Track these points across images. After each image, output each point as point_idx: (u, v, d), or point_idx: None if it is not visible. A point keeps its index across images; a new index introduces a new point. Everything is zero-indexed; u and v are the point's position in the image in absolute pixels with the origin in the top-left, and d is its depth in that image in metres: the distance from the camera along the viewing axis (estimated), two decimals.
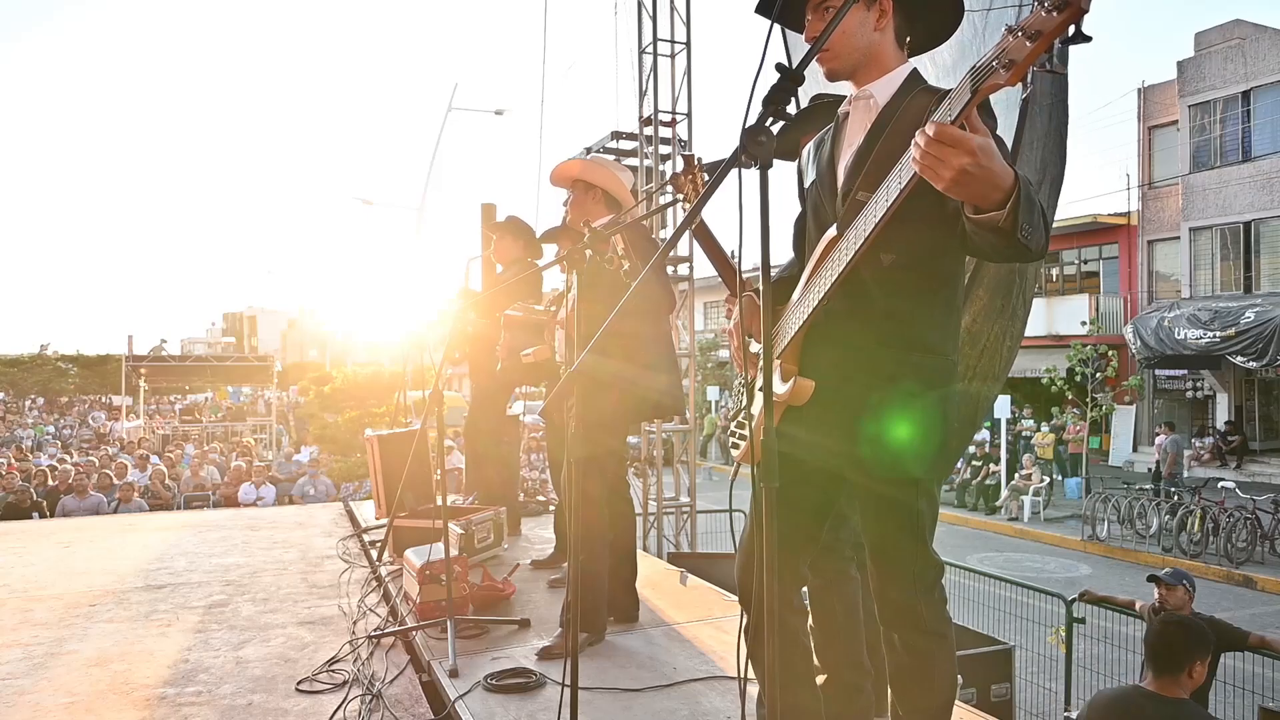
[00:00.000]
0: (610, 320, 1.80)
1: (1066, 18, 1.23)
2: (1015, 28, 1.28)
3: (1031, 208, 1.48)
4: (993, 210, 1.48)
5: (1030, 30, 1.26)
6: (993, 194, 1.46)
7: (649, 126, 7.79)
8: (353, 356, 44.37)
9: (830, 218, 1.88)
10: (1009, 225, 1.47)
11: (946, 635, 1.91)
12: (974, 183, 1.43)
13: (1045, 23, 1.25)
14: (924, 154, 1.42)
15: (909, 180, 1.54)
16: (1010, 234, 1.48)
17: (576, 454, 2.61)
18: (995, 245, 1.54)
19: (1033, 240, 1.50)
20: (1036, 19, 1.25)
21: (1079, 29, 1.24)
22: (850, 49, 1.84)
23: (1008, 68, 1.31)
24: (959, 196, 1.48)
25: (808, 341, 1.89)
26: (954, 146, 1.39)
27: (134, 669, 3.08)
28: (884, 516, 1.87)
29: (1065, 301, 20.99)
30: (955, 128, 1.40)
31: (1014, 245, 1.50)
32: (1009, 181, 1.45)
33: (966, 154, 1.40)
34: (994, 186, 1.45)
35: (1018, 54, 1.29)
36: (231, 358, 37.03)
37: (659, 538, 7.63)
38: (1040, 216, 1.52)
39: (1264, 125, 17.87)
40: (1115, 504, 13.29)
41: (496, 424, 5.22)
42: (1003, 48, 1.31)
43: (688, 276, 7.76)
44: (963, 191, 1.46)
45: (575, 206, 3.53)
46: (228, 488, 12.71)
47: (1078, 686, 6.11)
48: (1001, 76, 1.32)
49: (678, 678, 2.91)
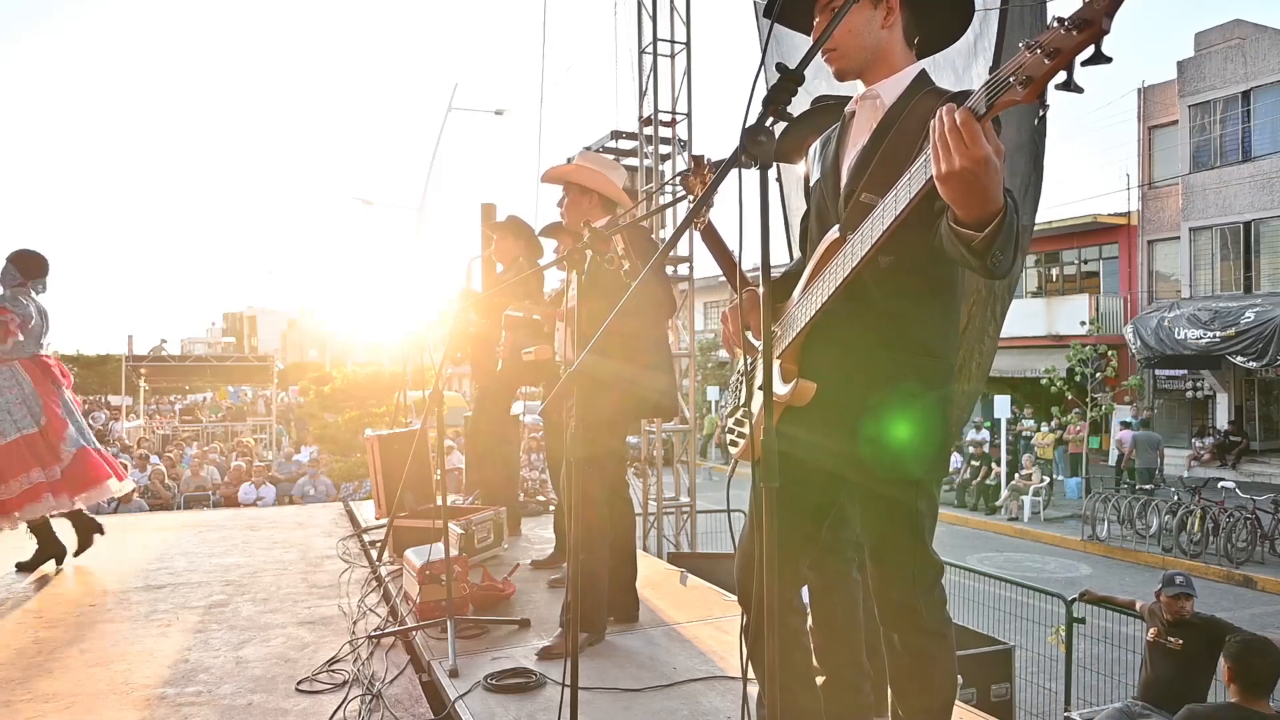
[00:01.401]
0: (610, 320, 1.80)
1: (1085, 38, 1.20)
2: (1034, 43, 1.25)
3: (1009, 239, 1.47)
4: (972, 227, 1.46)
5: (1049, 48, 1.23)
6: (977, 210, 1.44)
7: (649, 126, 7.79)
8: (353, 356, 44.36)
9: (833, 218, 1.88)
10: (982, 248, 1.46)
11: (946, 635, 1.91)
12: (968, 188, 1.41)
13: (1064, 41, 1.22)
14: (941, 135, 1.39)
15: (921, 188, 1.52)
16: (981, 256, 1.47)
17: (576, 454, 2.61)
18: (964, 258, 1.53)
19: (999, 268, 1.50)
20: (1055, 36, 1.22)
21: (1099, 49, 1.21)
22: (857, 47, 1.83)
23: (1024, 84, 1.28)
24: (946, 192, 1.45)
25: (808, 342, 1.89)
26: (971, 144, 1.37)
27: (134, 669, 3.08)
28: (884, 517, 1.88)
29: (1065, 301, 20.99)
30: (980, 125, 1.37)
31: (981, 267, 1.50)
32: (996, 206, 1.43)
33: (977, 156, 1.37)
34: (983, 201, 1.42)
35: (1035, 71, 1.26)
36: (231, 358, 37.01)
37: (659, 538, 7.62)
38: (1014, 244, 1.51)
39: (1264, 125, 17.87)
40: (1115, 504, 13.30)
41: (498, 424, 5.22)
42: (1020, 63, 1.27)
43: (687, 276, 7.77)
44: (953, 191, 1.43)
45: (571, 208, 3.50)
46: (228, 488, 12.72)
47: (1078, 686, 6.11)
48: (1018, 93, 1.29)
49: (678, 678, 2.91)
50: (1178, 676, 4.66)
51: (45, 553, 4.54)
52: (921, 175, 1.50)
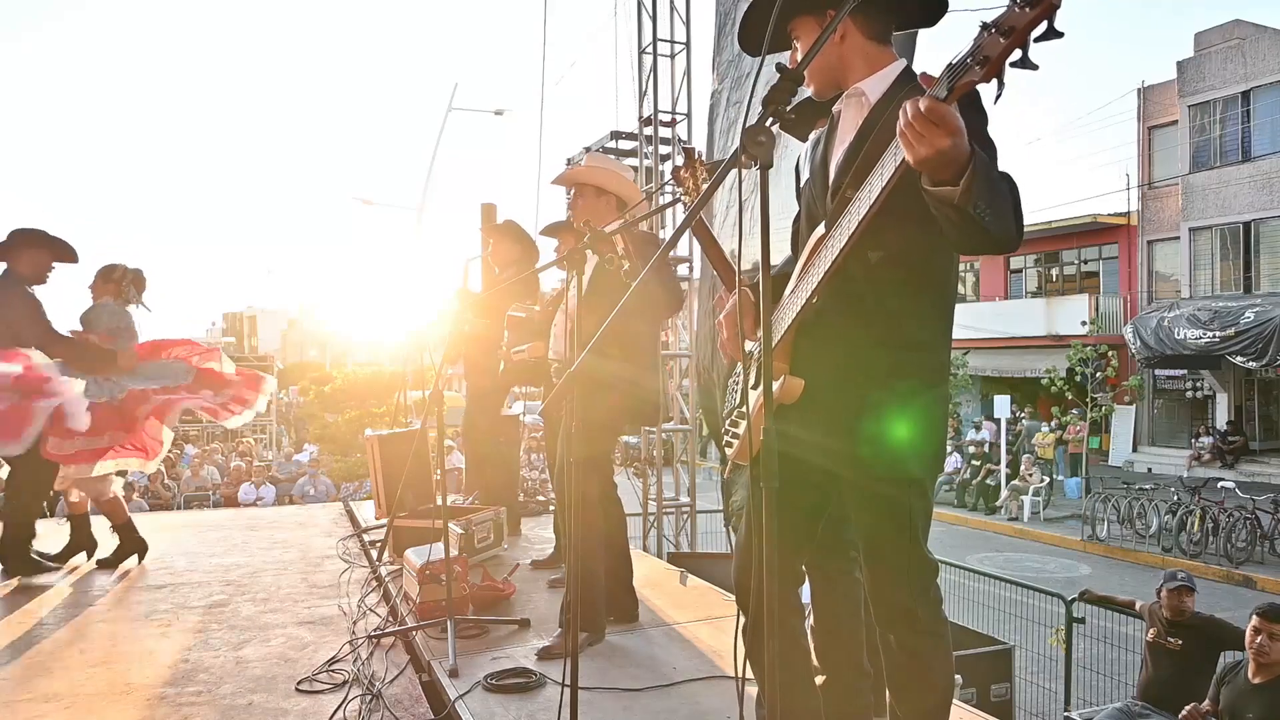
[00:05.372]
0: (611, 320, 1.80)
1: (1039, 13, 1.24)
2: (989, 24, 1.29)
3: (993, 189, 1.48)
4: (948, 184, 1.48)
5: (1004, 26, 1.27)
6: (950, 175, 1.46)
7: (649, 126, 7.79)
8: (353, 356, 44.36)
9: (822, 216, 1.89)
10: (964, 200, 1.46)
11: (943, 635, 1.91)
12: (936, 168, 1.45)
13: (1018, 19, 1.25)
14: (909, 125, 1.42)
15: (891, 175, 1.54)
16: (964, 210, 1.47)
17: (577, 454, 2.61)
18: (956, 224, 1.52)
19: (994, 225, 1.50)
20: (1010, 15, 1.26)
21: (1051, 25, 1.25)
22: (822, 69, 1.90)
23: (982, 64, 1.31)
24: (925, 170, 1.47)
25: (799, 340, 1.89)
26: (940, 125, 1.39)
27: (134, 669, 3.08)
28: (880, 516, 1.87)
29: (1065, 301, 20.99)
30: (947, 106, 1.39)
31: (972, 226, 1.49)
32: (965, 157, 1.45)
33: (949, 135, 1.40)
34: (956, 171, 1.45)
35: (991, 50, 1.29)
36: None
37: (659, 538, 7.62)
38: (1008, 203, 1.52)
39: (1264, 125, 17.87)
40: (1115, 504, 13.30)
41: (494, 424, 5.23)
42: (978, 44, 1.31)
43: (687, 277, 7.77)
44: (931, 167, 1.46)
45: (585, 210, 3.45)
46: (228, 488, 12.73)
47: (1078, 686, 6.11)
48: (976, 74, 1.32)
49: (677, 678, 2.91)
50: (1177, 676, 4.67)
51: (77, 545, 4.60)
52: (891, 163, 1.53)
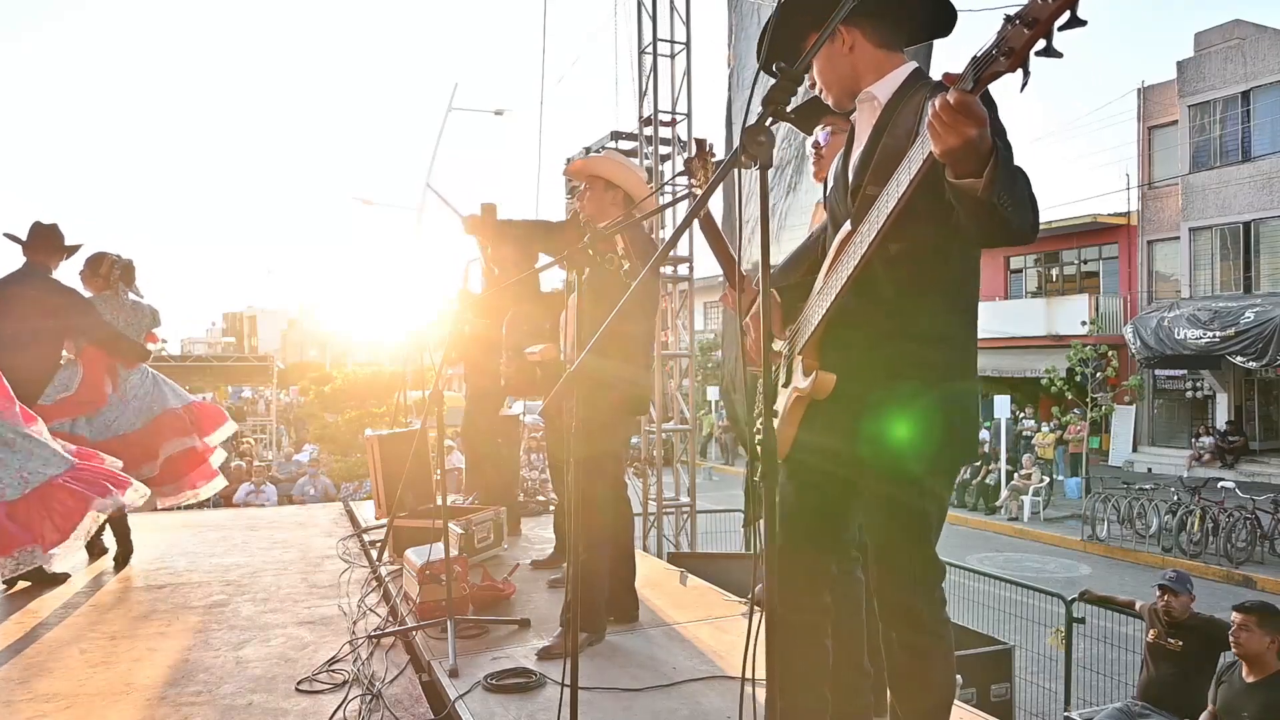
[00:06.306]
0: (611, 320, 1.80)
1: (1062, 3, 1.26)
2: (1013, 16, 1.32)
3: (1013, 180, 1.51)
4: (970, 176, 1.50)
5: (1028, 18, 1.29)
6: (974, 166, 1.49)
7: (649, 126, 7.79)
8: (353, 356, 44.29)
9: (844, 218, 1.92)
10: (986, 193, 1.49)
11: (945, 635, 1.91)
12: (961, 159, 1.48)
13: (1041, 10, 1.28)
14: (937, 115, 1.45)
15: (920, 167, 1.56)
16: (989, 202, 1.50)
17: (577, 454, 2.60)
18: (978, 218, 1.55)
19: (1015, 216, 1.52)
20: (1033, 6, 1.29)
21: (1074, 14, 1.27)
22: (834, 79, 1.97)
23: (1007, 55, 1.34)
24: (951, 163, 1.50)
25: (826, 337, 1.91)
26: (968, 115, 1.42)
27: (134, 669, 3.08)
28: (889, 516, 1.88)
29: (1065, 301, 20.98)
30: (973, 97, 1.43)
31: (995, 217, 1.52)
32: (988, 147, 1.48)
33: (975, 125, 1.43)
34: (979, 162, 1.49)
35: (1016, 41, 1.32)
36: (231, 358, 36.88)
37: (659, 538, 7.62)
38: (1025, 193, 1.55)
39: (1264, 125, 17.86)
40: (1115, 504, 13.30)
41: (493, 424, 5.22)
42: (1002, 36, 1.34)
43: (687, 276, 7.77)
44: (951, 161, 1.49)
45: (593, 202, 3.44)
46: (227, 488, 12.70)
47: (1078, 686, 6.11)
48: (1002, 65, 1.35)
49: (678, 678, 2.92)
50: (1177, 677, 4.66)
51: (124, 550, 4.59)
52: (919, 156, 1.57)
